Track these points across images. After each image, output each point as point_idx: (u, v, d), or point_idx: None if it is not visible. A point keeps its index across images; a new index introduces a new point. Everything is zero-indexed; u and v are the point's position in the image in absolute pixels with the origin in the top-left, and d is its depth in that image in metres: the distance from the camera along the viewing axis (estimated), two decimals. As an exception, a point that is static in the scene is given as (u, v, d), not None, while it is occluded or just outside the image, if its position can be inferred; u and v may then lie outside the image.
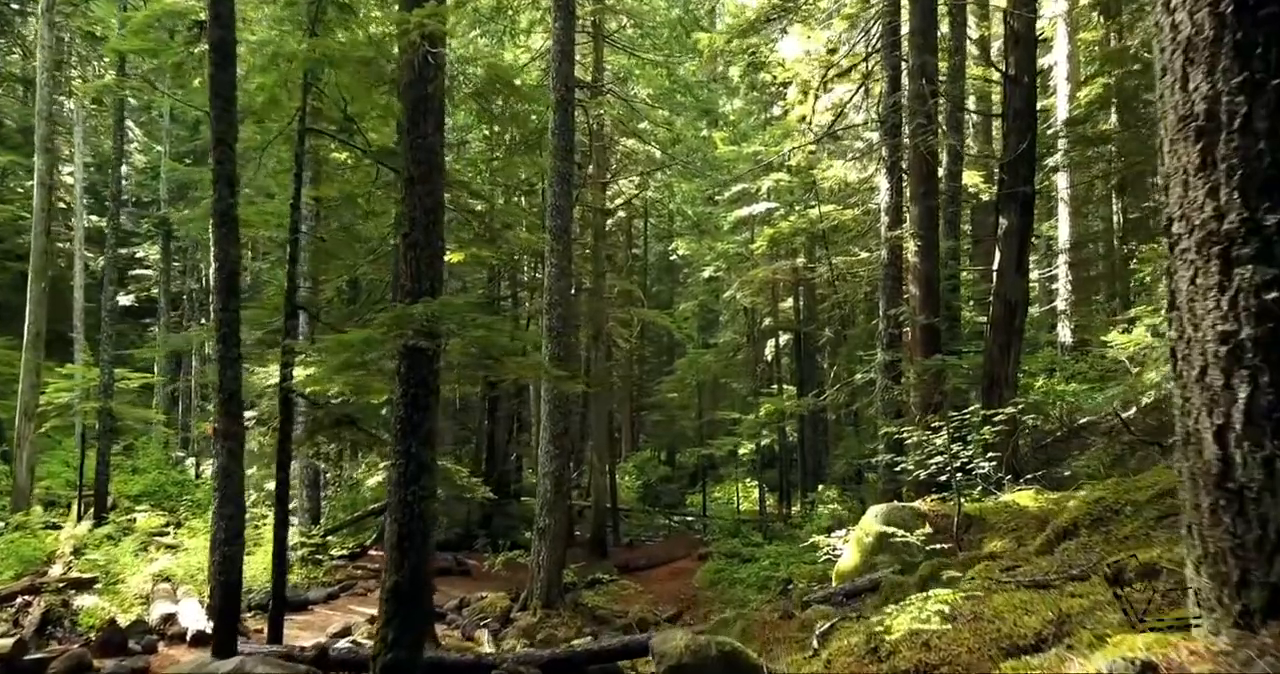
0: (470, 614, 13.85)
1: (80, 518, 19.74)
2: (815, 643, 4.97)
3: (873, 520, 8.78)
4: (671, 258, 36.51)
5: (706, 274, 28.03)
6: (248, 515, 19.48)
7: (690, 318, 34.75)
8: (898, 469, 10.20)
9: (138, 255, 35.32)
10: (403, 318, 6.56)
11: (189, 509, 21.66)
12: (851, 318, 24.12)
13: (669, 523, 28.52)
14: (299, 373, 10.05)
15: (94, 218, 32.11)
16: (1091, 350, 24.80)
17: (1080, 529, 5.62)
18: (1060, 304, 23.30)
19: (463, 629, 13.13)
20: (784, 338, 27.36)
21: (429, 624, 11.80)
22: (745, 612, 7.79)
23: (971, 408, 8.46)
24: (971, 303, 20.62)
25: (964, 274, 20.36)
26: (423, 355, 6.93)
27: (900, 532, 8.35)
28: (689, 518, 28.25)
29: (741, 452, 29.88)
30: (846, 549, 9.22)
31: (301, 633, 12.52)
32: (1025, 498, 8.62)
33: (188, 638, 11.20)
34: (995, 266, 12.76)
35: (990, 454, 9.12)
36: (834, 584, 9.04)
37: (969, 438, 8.80)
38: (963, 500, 8.51)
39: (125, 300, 33.91)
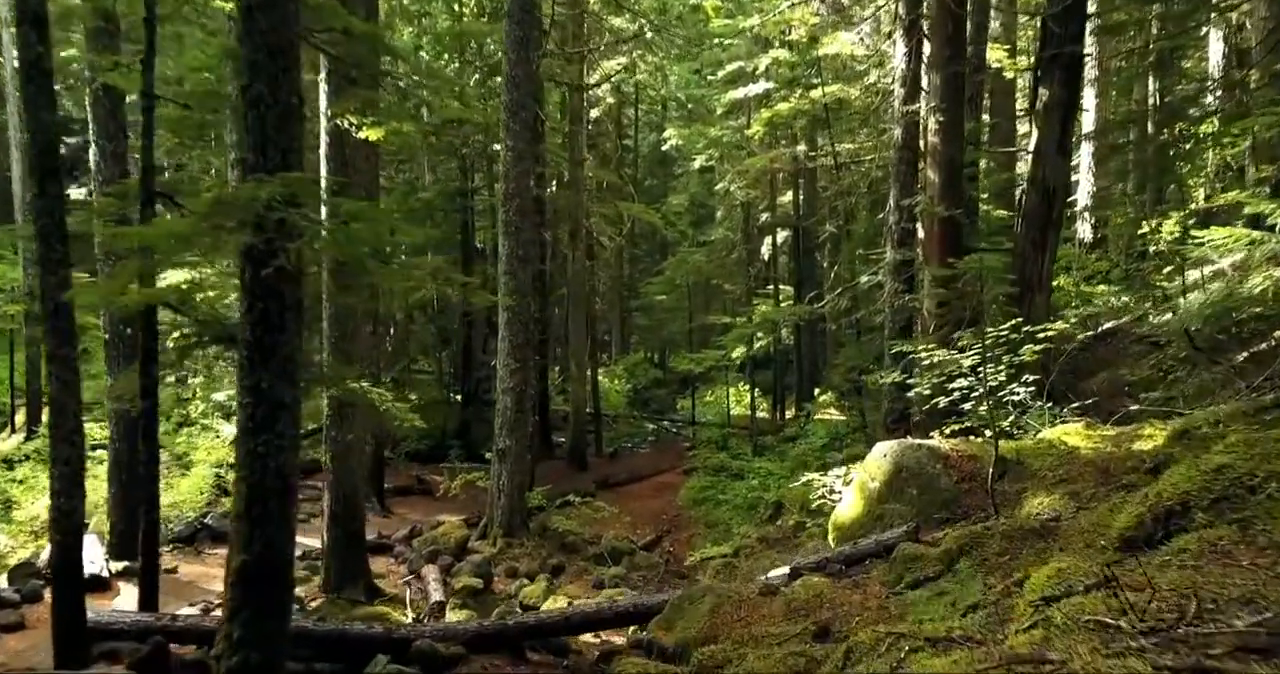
0: (421, 546, 12.34)
1: (15, 430, 18.28)
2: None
3: (880, 460, 7.05)
4: (664, 149, 33.93)
5: (698, 163, 25.65)
6: (189, 431, 18.01)
7: (682, 213, 32.50)
8: (909, 393, 8.44)
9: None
10: (227, 204, 4.62)
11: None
12: (854, 212, 21.99)
13: (657, 428, 27.17)
14: (175, 276, 8.15)
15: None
16: (1109, 247, 22.87)
17: (1194, 512, 3.84)
18: (1082, 197, 21.21)
19: (410, 564, 11.65)
20: (781, 235, 25.25)
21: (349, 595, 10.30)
22: (717, 584, 6.15)
23: (1013, 322, 6.60)
24: (987, 195, 18.53)
25: (981, 161, 18.20)
26: (271, 257, 5.00)
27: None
28: (678, 423, 26.86)
29: (735, 354, 28.31)
30: (847, 493, 7.54)
31: (221, 571, 11.02)
32: (1074, 435, 6.86)
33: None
34: (1031, 146, 10.69)
35: (1025, 378, 7.36)
36: (830, 537, 7.39)
37: (1003, 358, 6.98)
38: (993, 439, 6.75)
39: (78, 193, 31.59)
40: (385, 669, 6.29)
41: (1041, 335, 6.72)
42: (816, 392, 23.95)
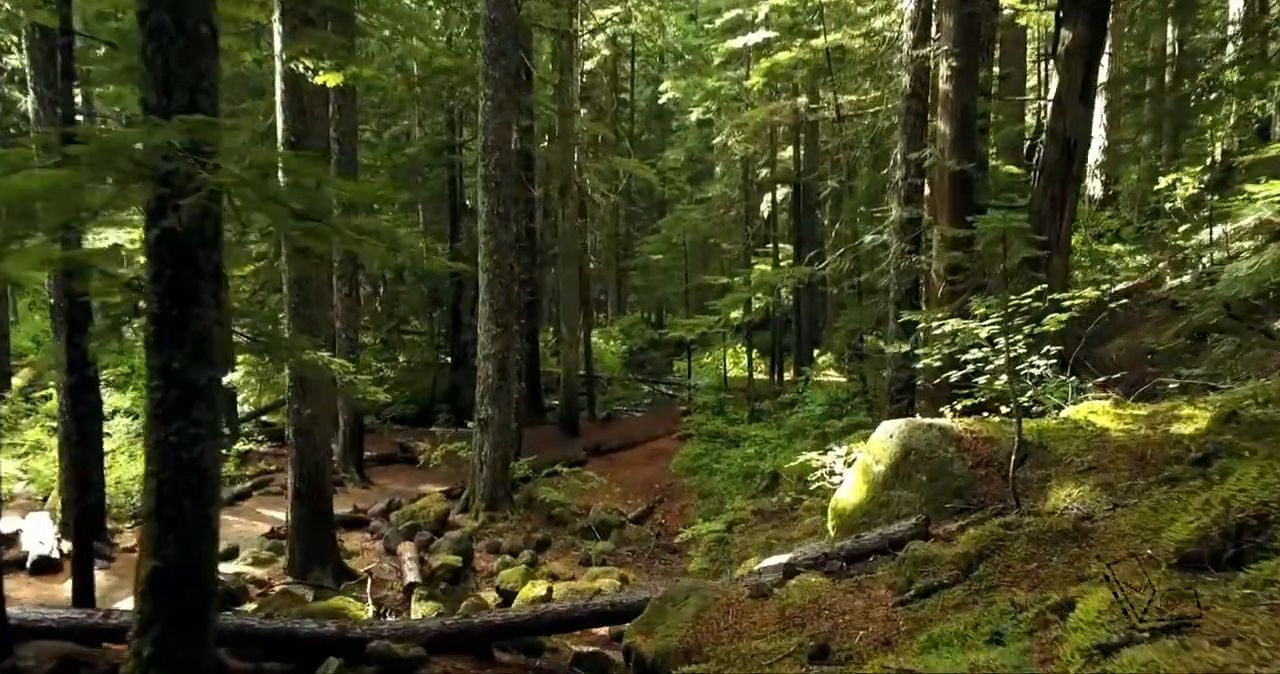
0: (399, 520, 11.75)
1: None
2: None
3: (886, 441, 6.37)
4: (661, 102, 32.83)
5: (695, 116, 24.65)
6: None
7: (679, 169, 31.49)
8: (918, 365, 7.75)
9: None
10: (115, 151, 3.86)
11: (114, 382, 19.40)
12: (856, 167, 21.07)
13: (653, 390, 26.58)
14: (119, 237, 7.44)
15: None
16: (1121, 204, 22.03)
17: (1275, 529, 3.16)
18: (1093, 151, 20.31)
19: (386, 540, 11.06)
20: (781, 192, 24.34)
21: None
22: (703, 582, 5.49)
23: (1036, 288, 5.87)
24: (995, 149, 17.66)
25: (991, 113, 17.29)
26: (160, 216, 4.26)
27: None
28: (674, 386, 26.25)
29: (733, 315, 27.44)
30: (849, 476, 6.88)
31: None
32: (1101, 414, 6.17)
33: (28, 565, 9.09)
34: (1051, 94, 9.87)
35: (1047, 349, 6.69)
36: (829, 524, 6.74)
37: (1024, 328, 6.26)
38: (1015, 419, 6.07)
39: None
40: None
41: (1068, 303, 5.99)
42: (816, 353, 23.29)
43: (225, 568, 9.36)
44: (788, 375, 23.48)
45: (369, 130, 25.15)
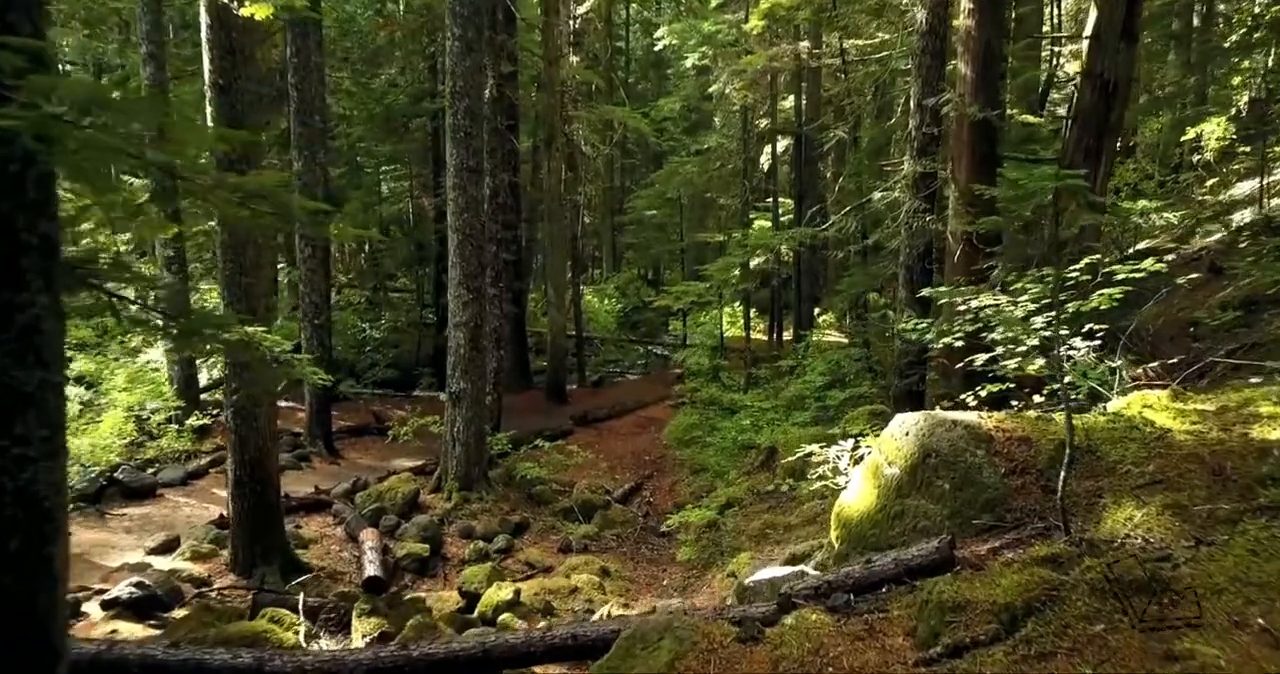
0: (364, 502, 10.85)
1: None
2: None
3: (901, 440, 5.38)
4: (658, 49, 31.21)
5: (690, 62, 23.30)
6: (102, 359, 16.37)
7: (675, 119, 30.08)
8: (939, 344, 6.74)
9: None
10: None
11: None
12: (861, 117, 19.78)
13: (647, 352, 25.64)
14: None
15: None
16: (1140, 156, 20.83)
17: None
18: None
19: (347, 525, 10.17)
20: (782, 144, 23.08)
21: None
22: (680, 619, 4.52)
23: (1087, 260, 4.84)
24: (1011, 96, 16.43)
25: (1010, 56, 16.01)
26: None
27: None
28: (669, 347, 25.27)
29: (730, 276, 26.08)
30: (856, 477, 5.90)
31: (123, 539, 9.55)
32: (1158, 408, 5.17)
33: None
34: (1088, 30, 8.69)
35: (1089, 327, 5.72)
36: (833, 534, 5.78)
37: (1068, 305, 5.24)
38: (1051, 415, 5.10)
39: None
40: (245, 721, 4.79)
41: (1122, 276, 4.95)
42: (816, 312, 22.30)
43: (161, 564, 8.50)
44: (787, 335, 22.50)
45: (346, 77, 23.80)
